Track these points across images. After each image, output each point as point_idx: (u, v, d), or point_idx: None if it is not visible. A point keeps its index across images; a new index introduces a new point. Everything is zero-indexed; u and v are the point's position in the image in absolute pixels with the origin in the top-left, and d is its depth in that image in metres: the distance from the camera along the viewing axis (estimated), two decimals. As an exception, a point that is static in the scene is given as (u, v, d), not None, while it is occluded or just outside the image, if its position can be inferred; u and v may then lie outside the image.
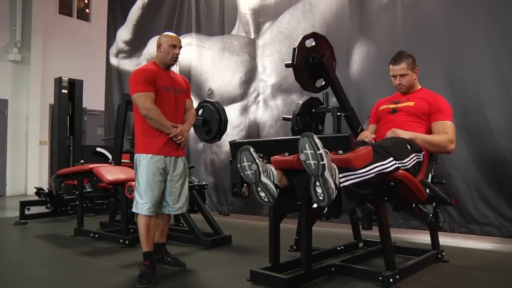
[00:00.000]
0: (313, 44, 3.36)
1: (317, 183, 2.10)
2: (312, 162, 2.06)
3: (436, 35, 4.38)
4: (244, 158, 2.27)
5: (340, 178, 2.21)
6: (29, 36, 9.90)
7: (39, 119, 9.96)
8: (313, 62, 3.36)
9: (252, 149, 2.26)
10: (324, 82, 3.55)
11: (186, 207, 3.27)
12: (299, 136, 2.16)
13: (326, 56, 3.36)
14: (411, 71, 3.14)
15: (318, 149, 2.04)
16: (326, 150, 2.12)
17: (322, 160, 2.04)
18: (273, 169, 2.36)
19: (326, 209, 2.38)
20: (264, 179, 2.27)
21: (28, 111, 9.81)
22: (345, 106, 3.49)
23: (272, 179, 2.31)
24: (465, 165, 4.16)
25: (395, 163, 2.55)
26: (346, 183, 2.26)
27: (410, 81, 3.16)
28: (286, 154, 2.42)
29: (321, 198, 2.12)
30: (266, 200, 2.32)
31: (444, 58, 4.32)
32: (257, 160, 2.24)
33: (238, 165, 2.30)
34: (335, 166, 2.16)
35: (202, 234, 4.02)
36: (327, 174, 2.08)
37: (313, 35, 3.41)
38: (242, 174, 2.32)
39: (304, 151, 2.08)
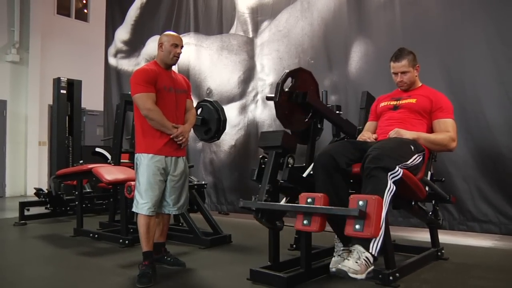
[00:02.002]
0: (292, 82, 3.05)
1: None
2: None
3: (434, 33, 4.38)
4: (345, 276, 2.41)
5: (372, 248, 2.28)
6: (27, 37, 9.87)
7: (38, 120, 9.95)
8: (297, 101, 3.04)
9: (349, 274, 2.28)
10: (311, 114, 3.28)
11: (186, 207, 3.27)
12: (311, 207, 2.41)
13: (309, 94, 3.04)
14: (412, 68, 3.13)
15: (356, 279, 2.21)
16: (358, 258, 2.23)
17: (362, 279, 2.23)
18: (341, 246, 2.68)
19: None
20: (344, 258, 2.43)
21: (26, 111, 9.79)
22: (342, 127, 3.42)
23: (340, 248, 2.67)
24: (464, 163, 4.16)
25: (400, 170, 2.52)
26: (378, 248, 2.31)
27: (411, 78, 3.15)
28: (305, 222, 2.43)
29: None
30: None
31: (442, 56, 4.32)
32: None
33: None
34: (366, 256, 2.24)
35: (201, 234, 4.03)
36: (367, 274, 2.24)
37: (289, 75, 3.01)
38: None
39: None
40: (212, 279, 2.95)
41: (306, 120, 3.17)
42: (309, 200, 2.45)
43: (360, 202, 2.22)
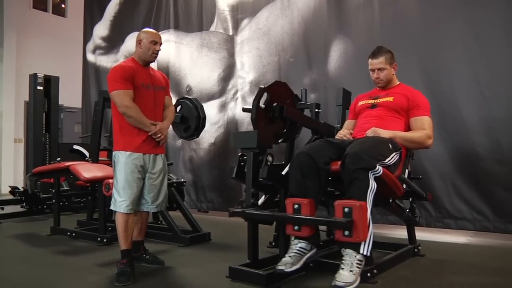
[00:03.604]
0: (266, 98, 3.03)
1: None
2: None
3: (412, 33, 4.44)
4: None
5: (363, 251, 2.37)
6: (1, 32, 9.65)
7: (13, 117, 9.76)
8: (274, 115, 3.04)
9: (286, 269, 2.47)
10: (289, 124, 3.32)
11: (165, 205, 3.25)
12: (301, 217, 2.53)
13: (285, 108, 3.04)
14: (389, 65, 3.19)
15: None
16: (351, 267, 2.32)
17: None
18: (300, 245, 2.59)
19: None
20: (304, 260, 2.58)
21: (1, 108, 9.59)
22: (319, 130, 3.44)
23: (306, 250, 2.58)
24: (441, 161, 4.23)
25: (379, 167, 2.55)
26: (369, 250, 2.40)
27: (388, 75, 3.20)
28: (296, 228, 2.57)
29: None
30: (313, 258, 2.69)
31: (420, 56, 4.39)
32: (295, 267, 2.51)
33: None
34: (358, 262, 2.35)
35: (180, 232, 4.01)
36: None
37: (265, 90, 3.00)
38: None
39: None
40: (191, 277, 2.94)
41: (284, 131, 3.25)
42: (295, 206, 2.57)
43: (346, 209, 2.35)
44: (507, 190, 3.91)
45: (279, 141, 3.32)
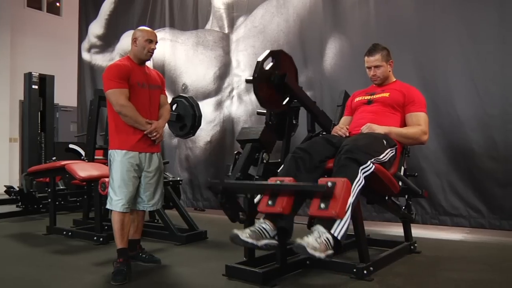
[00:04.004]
0: (271, 63, 3.03)
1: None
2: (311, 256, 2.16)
3: (408, 31, 4.46)
4: (237, 243, 2.38)
5: (335, 231, 2.23)
6: (-5, 31, 9.64)
7: (8, 116, 9.72)
8: (275, 82, 3.03)
9: (240, 235, 2.34)
10: (288, 98, 3.28)
11: (161, 203, 3.25)
12: (277, 184, 2.36)
13: (287, 76, 3.06)
14: (385, 62, 3.20)
15: (314, 256, 2.13)
16: (318, 237, 2.18)
17: (321, 257, 2.14)
18: (263, 225, 2.41)
19: None
20: (262, 243, 2.35)
21: (-4, 107, 9.57)
22: (315, 113, 3.45)
23: (268, 235, 2.38)
24: (436, 158, 4.25)
25: (372, 164, 2.56)
26: (341, 233, 2.26)
27: (384, 72, 3.21)
28: (270, 203, 2.37)
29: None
30: (270, 249, 2.49)
31: (416, 53, 4.40)
32: (249, 241, 2.33)
33: (234, 243, 2.40)
34: (327, 237, 2.19)
35: (177, 230, 4.01)
36: (326, 256, 2.17)
37: (270, 55, 3.02)
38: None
39: (303, 254, 2.21)
40: (188, 275, 2.94)
41: (284, 103, 3.15)
42: (277, 182, 2.45)
43: (329, 183, 2.20)
44: (502, 187, 3.93)
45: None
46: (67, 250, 3.79)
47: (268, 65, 2.93)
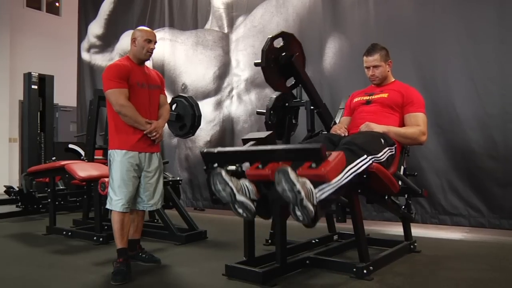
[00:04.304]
0: (282, 44, 3.22)
1: (297, 209, 2.08)
2: (289, 194, 2.03)
3: (407, 30, 4.46)
4: (217, 181, 2.24)
5: (317, 193, 2.15)
6: (-5, 31, 9.64)
7: (8, 116, 9.72)
8: (282, 62, 3.20)
9: (224, 173, 2.21)
10: (294, 81, 3.48)
11: (161, 203, 3.25)
12: (269, 147, 2.26)
13: (296, 56, 3.23)
14: (384, 62, 3.20)
15: (295, 185, 2.00)
16: (304, 180, 2.06)
17: (300, 193, 2.01)
18: (247, 184, 2.29)
19: None
20: (240, 197, 2.23)
21: (-4, 107, 9.57)
22: (316, 102, 3.48)
23: (248, 195, 2.26)
24: (436, 157, 4.25)
25: (369, 159, 2.56)
26: (323, 196, 2.21)
27: (383, 72, 3.22)
28: (260, 166, 2.31)
29: (301, 219, 2.10)
30: (245, 215, 2.29)
31: (415, 53, 4.40)
32: (230, 183, 2.21)
33: (212, 188, 2.26)
34: (312, 188, 2.09)
35: (177, 230, 4.00)
36: (305, 201, 2.04)
37: (281, 35, 3.25)
38: (217, 195, 2.28)
39: (280, 185, 2.05)
40: (188, 275, 2.94)
41: (288, 86, 3.34)
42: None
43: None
44: (502, 186, 3.94)
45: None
46: (67, 250, 3.79)
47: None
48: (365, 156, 2.53)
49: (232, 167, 2.43)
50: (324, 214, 2.34)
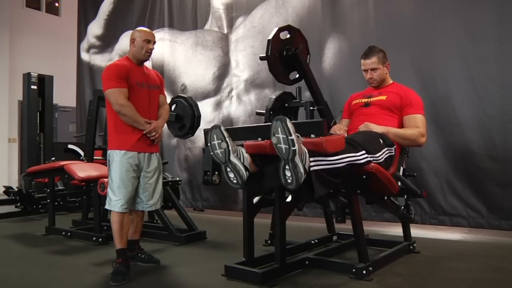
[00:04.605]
0: (288, 36, 3.32)
1: (287, 167, 2.12)
2: (283, 146, 2.07)
3: (406, 31, 4.45)
4: (214, 136, 2.28)
5: (311, 162, 2.21)
6: (-6, 31, 9.63)
7: (7, 116, 9.71)
8: (287, 54, 3.30)
9: (222, 128, 2.27)
10: (297, 75, 3.53)
11: (160, 203, 3.24)
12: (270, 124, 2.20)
13: (300, 48, 3.31)
14: (382, 65, 3.20)
15: (290, 135, 2.05)
16: (298, 135, 2.13)
17: (294, 145, 2.05)
18: (244, 151, 2.36)
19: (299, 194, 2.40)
20: (233, 159, 2.28)
21: (-5, 108, 9.56)
22: (318, 99, 3.49)
23: (242, 160, 2.31)
24: (435, 158, 4.25)
25: (367, 157, 2.58)
26: (316, 168, 2.27)
27: (381, 75, 3.22)
28: (259, 139, 2.40)
29: (289, 181, 2.13)
30: (235, 181, 2.33)
31: (414, 53, 4.40)
32: (227, 139, 2.26)
33: (208, 144, 2.29)
34: (306, 151, 2.17)
35: (176, 230, 4.00)
36: (297, 159, 2.09)
37: (288, 28, 3.35)
38: (212, 153, 2.32)
39: (276, 135, 2.09)
40: (187, 275, 2.94)
41: (292, 79, 3.45)
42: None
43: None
44: (501, 187, 3.93)
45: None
46: (66, 250, 3.78)
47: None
48: (363, 152, 2.55)
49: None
50: (321, 193, 2.38)
